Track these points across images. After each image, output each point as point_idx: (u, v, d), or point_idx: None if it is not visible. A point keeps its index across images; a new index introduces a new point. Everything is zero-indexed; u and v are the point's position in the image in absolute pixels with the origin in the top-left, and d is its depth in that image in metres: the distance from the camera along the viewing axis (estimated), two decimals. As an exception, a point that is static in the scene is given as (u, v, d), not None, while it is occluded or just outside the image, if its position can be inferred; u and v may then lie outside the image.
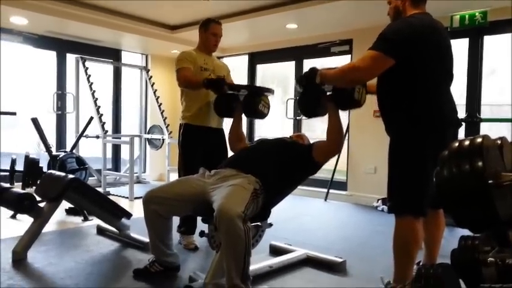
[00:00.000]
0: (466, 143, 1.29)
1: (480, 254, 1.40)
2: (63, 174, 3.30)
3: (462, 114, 4.68)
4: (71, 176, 3.22)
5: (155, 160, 7.32)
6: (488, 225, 1.31)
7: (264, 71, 6.77)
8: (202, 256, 3.17)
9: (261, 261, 2.79)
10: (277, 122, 6.66)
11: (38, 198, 3.15)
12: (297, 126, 6.31)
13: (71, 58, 6.31)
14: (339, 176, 5.79)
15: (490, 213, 1.22)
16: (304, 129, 6.15)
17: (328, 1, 4.50)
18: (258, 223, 2.62)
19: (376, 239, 3.79)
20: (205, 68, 3.23)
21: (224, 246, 2.10)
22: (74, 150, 5.54)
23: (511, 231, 1.39)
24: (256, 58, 6.83)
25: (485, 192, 1.20)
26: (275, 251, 3.19)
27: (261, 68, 6.89)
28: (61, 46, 6.28)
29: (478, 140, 1.27)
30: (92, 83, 6.00)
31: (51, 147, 5.13)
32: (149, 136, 7.01)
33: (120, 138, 6.86)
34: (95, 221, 3.89)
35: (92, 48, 6.54)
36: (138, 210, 2.96)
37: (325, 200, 5.68)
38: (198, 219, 2.96)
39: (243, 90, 2.99)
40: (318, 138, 2.75)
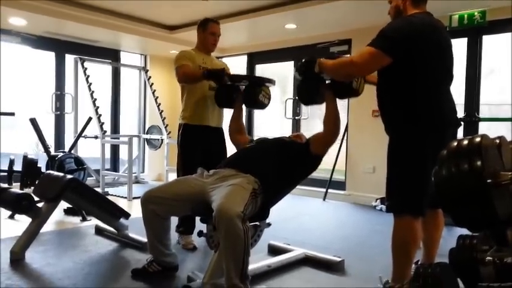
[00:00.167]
0: (465, 142, 1.29)
1: (478, 253, 1.41)
2: (61, 174, 3.30)
3: (461, 114, 4.68)
4: (69, 176, 3.21)
5: (154, 160, 7.32)
6: (487, 224, 1.30)
7: (263, 71, 6.77)
8: (200, 256, 3.16)
9: (260, 261, 2.79)
10: (276, 122, 6.65)
11: (36, 198, 3.14)
12: (295, 126, 6.30)
13: (69, 59, 6.30)
14: (338, 175, 5.79)
15: (489, 213, 1.22)
16: (303, 129, 6.14)
17: (327, 1, 4.50)
18: (256, 223, 2.62)
19: (375, 238, 3.79)
20: (204, 67, 3.23)
21: (223, 246, 2.09)
22: (72, 151, 5.53)
23: (509, 231, 1.39)
24: (255, 58, 6.83)
25: (484, 191, 1.20)
26: (274, 251, 3.18)
27: (260, 68, 6.89)
28: (60, 47, 6.28)
29: (477, 139, 1.27)
30: (91, 83, 6.00)
31: (49, 148, 5.11)
32: (148, 136, 7.01)
33: (118, 138, 6.85)
34: (93, 221, 3.88)
35: (91, 48, 6.54)
36: (136, 210, 2.95)
37: (324, 199, 5.68)
38: (197, 219, 2.95)
39: (244, 81, 2.98)
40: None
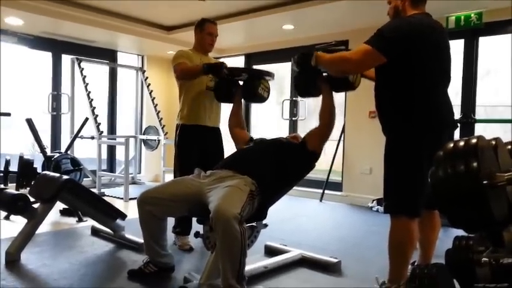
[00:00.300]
0: (461, 143, 1.29)
1: (474, 254, 1.41)
2: (57, 175, 3.29)
3: (457, 115, 4.70)
4: (65, 177, 3.21)
5: (150, 161, 7.30)
6: (483, 225, 1.30)
7: (260, 72, 6.77)
8: (197, 257, 3.16)
9: (256, 262, 2.78)
10: (273, 122, 6.66)
11: (32, 199, 3.13)
12: (292, 127, 6.30)
13: (66, 59, 6.29)
14: (334, 176, 5.80)
15: (485, 214, 1.22)
16: (300, 130, 6.14)
17: (324, 2, 4.51)
18: (253, 224, 2.62)
19: (371, 239, 3.79)
20: None
21: (220, 247, 2.09)
22: (68, 151, 5.52)
23: (505, 232, 1.39)
24: (253, 59, 6.82)
25: (480, 192, 1.20)
26: (270, 252, 3.18)
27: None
28: (56, 47, 6.26)
29: (473, 140, 1.27)
30: (88, 83, 5.98)
31: (45, 148, 5.10)
32: (145, 137, 6.99)
33: (115, 139, 6.83)
34: (90, 222, 3.86)
35: (88, 49, 6.52)
36: (133, 211, 2.94)
37: (321, 200, 5.68)
38: (193, 220, 2.95)
39: (243, 74, 2.97)
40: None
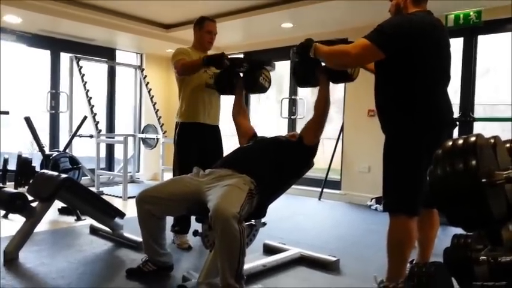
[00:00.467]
0: (460, 141, 1.29)
1: (473, 252, 1.41)
2: (56, 173, 3.28)
3: (456, 114, 4.70)
4: (63, 175, 3.19)
5: (149, 160, 7.29)
6: (482, 223, 1.30)
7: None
8: (195, 255, 3.16)
9: (255, 260, 2.78)
10: (272, 121, 6.65)
11: (30, 197, 3.13)
12: (291, 126, 6.30)
13: (64, 57, 6.28)
14: (333, 175, 5.80)
15: (483, 212, 1.22)
16: (298, 129, 6.13)
17: (323, 0, 4.50)
18: (252, 222, 2.62)
19: (370, 238, 3.80)
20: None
21: (219, 246, 2.09)
22: (67, 150, 5.50)
23: (503, 230, 1.39)
24: (252, 57, 6.81)
25: (479, 191, 1.19)
26: (269, 250, 3.18)
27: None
28: (55, 45, 6.25)
29: (472, 138, 1.27)
30: (86, 82, 5.97)
31: (44, 147, 5.09)
32: (143, 135, 6.99)
33: (114, 137, 6.83)
34: (88, 221, 3.86)
35: (86, 47, 6.51)
36: (131, 209, 2.94)
37: (319, 199, 5.68)
38: (192, 219, 2.95)
39: (244, 64, 2.96)
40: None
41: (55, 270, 2.73)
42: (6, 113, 4.80)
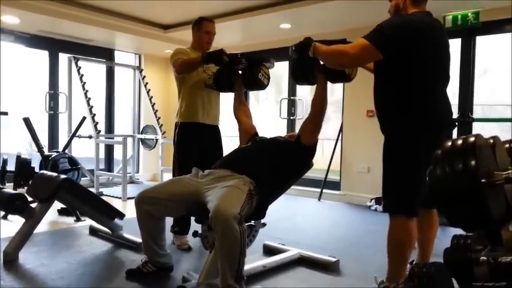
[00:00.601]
0: (459, 142, 1.29)
1: (472, 252, 1.41)
2: (55, 174, 3.28)
3: (455, 114, 4.71)
4: (63, 176, 3.20)
5: (148, 160, 7.29)
6: (481, 224, 1.31)
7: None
8: (195, 256, 3.16)
9: (255, 261, 2.78)
10: (271, 122, 6.65)
11: (29, 198, 3.12)
12: (290, 126, 6.30)
13: (63, 58, 6.27)
14: (333, 175, 5.80)
15: (483, 212, 1.22)
16: (297, 129, 6.14)
17: (322, 1, 4.50)
18: (251, 223, 2.62)
19: (370, 238, 3.80)
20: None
21: (219, 247, 2.09)
22: (66, 151, 5.50)
23: (503, 230, 1.39)
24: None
25: (478, 191, 1.20)
26: (269, 251, 3.18)
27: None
28: (53, 45, 6.24)
29: (471, 139, 1.27)
30: (85, 82, 5.97)
31: (43, 148, 5.09)
32: (142, 136, 6.98)
33: (113, 138, 6.82)
34: (88, 222, 3.86)
35: (85, 47, 6.50)
36: (131, 210, 2.94)
37: (319, 199, 5.68)
38: (192, 219, 2.95)
39: (243, 60, 2.96)
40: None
41: (54, 271, 2.73)
42: (5, 113, 4.79)
